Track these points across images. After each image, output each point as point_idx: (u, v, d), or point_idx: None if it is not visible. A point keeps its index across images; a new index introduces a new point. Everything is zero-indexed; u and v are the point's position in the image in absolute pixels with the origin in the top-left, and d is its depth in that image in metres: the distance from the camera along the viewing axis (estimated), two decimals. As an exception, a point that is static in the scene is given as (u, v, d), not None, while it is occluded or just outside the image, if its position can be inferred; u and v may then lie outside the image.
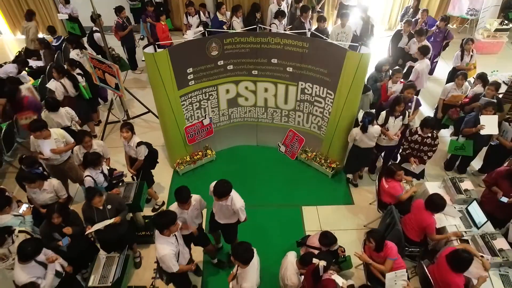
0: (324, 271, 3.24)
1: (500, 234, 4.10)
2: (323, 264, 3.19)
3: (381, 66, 5.89)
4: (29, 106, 5.56)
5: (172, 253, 3.32)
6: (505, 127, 5.06)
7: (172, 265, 3.34)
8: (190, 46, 4.82)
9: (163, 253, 3.27)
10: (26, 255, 3.17)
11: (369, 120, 4.75)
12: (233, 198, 3.67)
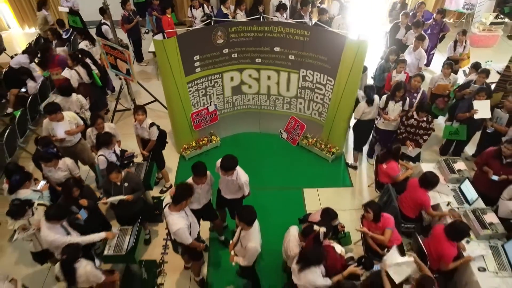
0: (324, 237, 3.48)
1: (491, 209, 4.35)
2: (324, 230, 3.44)
3: (389, 56, 6.15)
4: (59, 63, 6.34)
5: (185, 227, 3.54)
6: (498, 114, 5.29)
7: (186, 238, 3.56)
8: (197, 34, 5.07)
9: (177, 227, 3.48)
10: (55, 215, 3.44)
11: (372, 92, 5.08)
12: (238, 173, 3.93)
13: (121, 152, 4.75)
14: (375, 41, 8.48)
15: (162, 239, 4.99)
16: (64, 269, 3.31)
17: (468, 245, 4.07)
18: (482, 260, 3.90)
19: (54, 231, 3.56)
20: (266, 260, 4.63)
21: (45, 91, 6.69)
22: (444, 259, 3.75)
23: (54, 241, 3.54)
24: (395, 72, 5.89)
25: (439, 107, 6.01)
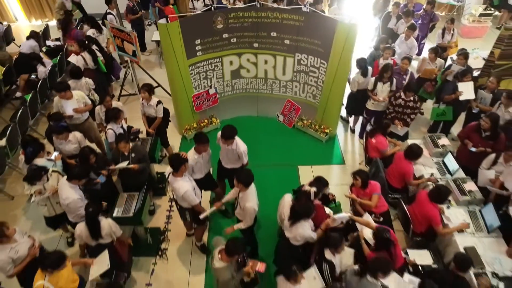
0: (314, 197, 3.83)
1: (470, 179, 4.70)
2: (314, 189, 3.78)
3: (379, 45, 6.51)
4: (74, 36, 7.03)
5: (191, 189, 3.88)
6: (482, 95, 5.62)
7: (193, 199, 3.90)
8: (198, 19, 5.42)
9: (185, 189, 3.81)
10: (77, 175, 3.80)
11: (364, 64, 5.58)
12: (237, 143, 4.28)
13: (128, 128, 5.10)
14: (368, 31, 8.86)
15: (166, 210, 5.33)
16: (90, 222, 3.63)
17: (448, 210, 4.42)
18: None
19: (74, 190, 3.90)
20: (263, 230, 4.96)
21: (54, 77, 7.03)
22: (432, 220, 4.07)
23: (72, 200, 3.85)
24: (382, 59, 6.22)
25: (427, 90, 6.34)
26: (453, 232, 4.12)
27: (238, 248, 3.18)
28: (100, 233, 3.69)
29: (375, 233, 3.54)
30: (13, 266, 3.45)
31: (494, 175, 4.47)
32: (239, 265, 3.29)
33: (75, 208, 3.93)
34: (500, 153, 4.48)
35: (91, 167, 4.35)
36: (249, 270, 3.32)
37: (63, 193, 3.90)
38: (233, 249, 3.16)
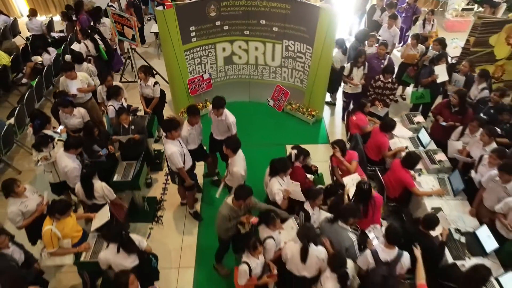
0: (295, 159, 4.25)
1: (441, 150, 5.12)
2: (295, 152, 4.21)
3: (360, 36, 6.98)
4: (81, 21, 7.69)
5: (177, 152, 4.30)
6: (456, 77, 6.06)
7: (178, 161, 4.32)
8: (193, 7, 5.88)
9: (171, 151, 4.25)
10: (72, 144, 4.20)
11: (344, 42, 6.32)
12: (226, 114, 4.72)
13: (127, 106, 5.53)
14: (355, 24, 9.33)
15: (162, 183, 5.75)
16: (84, 183, 4.05)
17: (419, 177, 4.83)
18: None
19: (72, 159, 4.31)
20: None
21: (58, 65, 7.47)
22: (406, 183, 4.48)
23: (70, 168, 4.26)
24: (367, 46, 6.68)
25: (410, 75, 6.78)
26: (428, 194, 4.53)
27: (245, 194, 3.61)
28: (93, 194, 4.09)
29: (357, 185, 3.94)
30: (22, 218, 3.86)
31: (462, 146, 4.89)
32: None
33: (73, 176, 4.30)
34: (466, 125, 4.90)
35: (95, 140, 4.76)
36: (244, 220, 3.75)
37: (61, 162, 4.29)
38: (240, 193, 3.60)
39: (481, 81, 5.53)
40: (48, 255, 3.67)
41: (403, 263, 3.35)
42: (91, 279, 4.21)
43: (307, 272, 3.45)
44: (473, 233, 4.11)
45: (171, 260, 4.71)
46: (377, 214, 4.04)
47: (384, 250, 3.40)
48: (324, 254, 3.36)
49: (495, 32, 6.47)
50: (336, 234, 3.64)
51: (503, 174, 3.90)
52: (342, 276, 3.16)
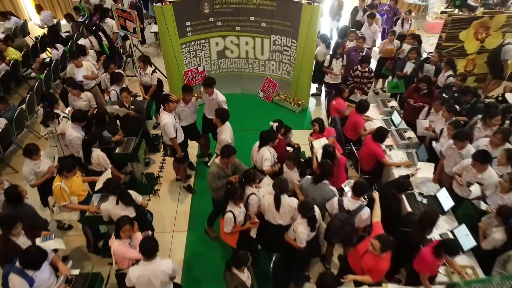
0: (277, 131, 4.79)
1: (410, 129, 5.67)
2: (276, 124, 4.76)
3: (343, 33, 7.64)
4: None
5: (171, 123, 4.85)
6: (427, 68, 6.65)
7: (170, 132, 4.87)
8: (188, 4, 6.51)
9: (165, 121, 4.81)
10: (78, 117, 4.78)
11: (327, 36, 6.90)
12: (217, 93, 5.29)
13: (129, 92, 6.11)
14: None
15: (159, 162, 6.30)
16: (83, 149, 4.60)
17: (390, 152, 5.37)
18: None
19: (76, 131, 4.87)
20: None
21: (64, 60, 8.08)
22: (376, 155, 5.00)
23: (73, 137, 4.82)
24: (348, 41, 7.31)
25: (388, 68, 7.38)
26: (398, 165, 5.05)
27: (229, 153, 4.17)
28: (90, 160, 4.63)
29: (323, 148, 4.49)
30: (35, 178, 4.40)
31: (428, 124, 5.45)
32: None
33: (76, 144, 4.85)
34: (431, 106, 5.47)
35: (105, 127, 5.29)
36: (233, 180, 4.29)
37: (67, 131, 4.88)
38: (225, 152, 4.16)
39: (447, 69, 6.13)
40: (59, 209, 4.19)
41: (362, 215, 3.87)
42: (94, 239, 4.72)
43: (282, 220, 3.97)
44: (434, 196, 4.63)
45: (165, 225, 5.22)
46: (341, 173, 4.58)
47: (349, 200, 3.93)
48: (295, 203, 3.88)
49: (464, 28, 7.09)
50: (320, 190, 4.16)
51: (456, 142, 4.46)
52: (311, 219, 3.67)
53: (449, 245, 3.29)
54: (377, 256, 3.36)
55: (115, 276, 3.82)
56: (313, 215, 3.66)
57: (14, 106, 6.26)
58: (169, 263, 3.29)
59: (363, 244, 3.62)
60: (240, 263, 3.28)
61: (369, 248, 3.37)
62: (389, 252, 3.37)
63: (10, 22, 8.90)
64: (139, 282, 3.19)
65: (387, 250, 3.29)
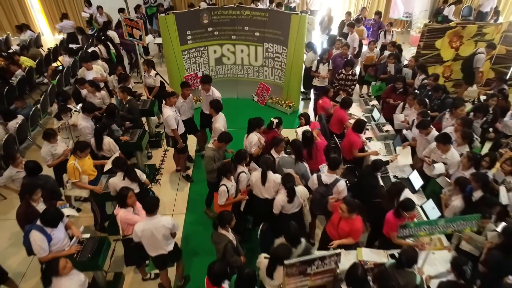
0: (276, 127, 5.38)
1: (388, 123, 6.27)
2: (276, 120, 5.36)
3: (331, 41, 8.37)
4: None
5: (172, 115, 5.45)
6: (405, 71, 7.32)
7: (172, 123, 5.47)
8: (189, 14, 7.27)
9: (167, 114, 5.42)
10: (88, 109, 5.38)
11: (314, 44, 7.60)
12: (213, 90, 5.92)
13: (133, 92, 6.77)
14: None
15: (160, 156, 6.87)
16: (96, 136, 5.18)
17: (370, 143, 5.95)
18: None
19: (86, 121, 5.47)
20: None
21: (75, 68, 8.79)
22: (353, 145, 5.58)
23: (83, 126, 5.41)
24: (335, 49, 8.02)
25: (371, 74, 8.06)
26: (366, 155, 5.61)
27: (226, 138, 4.74)
28: (101, 146, 5.20)
29: (302, 133, 5.06)
30: (52, 158, 4.98)
31: (403, 117, 6.05)
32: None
33: (85, 133, 5.41)
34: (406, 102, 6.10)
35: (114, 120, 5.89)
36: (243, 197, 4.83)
37: (78, 121, 5.48)
38: (224, 137, 4.73)
39: (421, 73, 6.81)
40: (71, 185, 4.74)
41: (338, 186, 4.40)
42: (101, 218, 5.25)
43: (267, 194, 4.50)
44: (407, 178, 5.18)
45: (165, 208, 5.74)
46: (320, 156, 5.11)
47: (326, 175, 4.47)
48: (279, 179, 4.41)
49: (439, 37, 7.81)
50: (293, 164, 4.72)
51: (421, 130, 5.07)
52: (290, 190, 4.18)
53: (404, 203, 3.81)
54: (349, 219, 3.89)
55: (122, 242, 4.31)
56: (291, 186, 4.17)
57: (30, 105, 6.90)
58: (169, 218, 3.82)
59: (335, 215, 4.12)
60: (225, 221, 3.77)
61: (340, 213, 3.90)
62: (358, 214, 3.89)
63: (25, 35, 9.70)
64: (143, 235, 3.71)
65: (354, 211, 3.81)
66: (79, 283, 3.47)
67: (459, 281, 3.27)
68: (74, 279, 3.44)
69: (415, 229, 3.28)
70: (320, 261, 3.34)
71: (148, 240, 3.77)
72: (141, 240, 3.77)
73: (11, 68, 7.83)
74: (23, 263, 4.89)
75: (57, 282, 3.32)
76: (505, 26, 8.00)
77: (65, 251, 3.92)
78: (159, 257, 3.97)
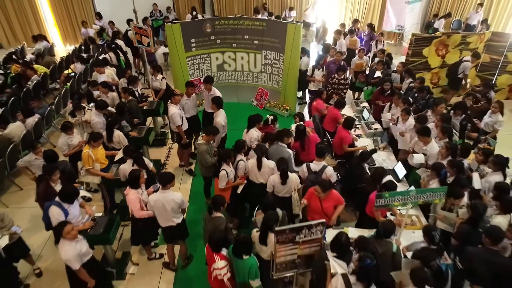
0: (271, 123, 5.88)
1: (377, 122, 6.77)
2: (271, 117, 5.87)
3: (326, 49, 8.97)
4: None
5: (177, 113, 5.97)
6: (394, 76, 7.87)
7: (177, 120, 5.98)
8: (193, 24, 7.90)
9: (172, 112, 5.94)
10: (100, 106, 5.91)
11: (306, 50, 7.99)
12: (215, 90, 6.46)
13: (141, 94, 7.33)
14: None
15: (165, 153, 7.36)
16: (107, 129, 5.69)
17: (360, 139, 6.43)
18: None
19: (98, 116, 6.00)
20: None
21: (86, 75, 9.40)
22: (343, 140, 6.05)
23: (95, 121, 5.93)
24: (329, 56, 8.60)
25: (361, 80, 8.60)
26: (356, 150, 6.07)
27: (213, 131, 5.22)
28: (112, 138, 5.70)
29: (295, 127, 5.55)
30: (68, 149, 5.48)
31: (390, 116, 6.54)
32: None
33: (97, 128, 5.92)
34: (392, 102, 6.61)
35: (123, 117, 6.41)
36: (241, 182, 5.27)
37: (91, 116, 6.00)
38: (211, 130, 5.21)
39: (408, 77, 7.35)
40: (85, 172, 5.22)
41: (326, 172, 4.87)
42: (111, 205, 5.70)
43: (262, 179, 4.96)
44: (392, 169, 5.63)
45: (170, 198, 6.18)
46: (312, 148, 5.55)
47: (315, 163, 4.94)
48: (273, 164, 4.88)
49: (426, 45, 8.37)
50: (277, 150, 5.20)
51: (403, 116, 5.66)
52: (282, 172, 4.64)
53: (387, 184, 4.26)
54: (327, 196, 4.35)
55: (130, 220, 4.75)
56: (284, 168, 4.64)
57: (45, 105, 7.46)
58: (179, 194, 4.30)
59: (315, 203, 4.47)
60: (219, 204, 4.19)
61: (316, 194, 4.35)
62: (331, 189, 4.35)
63: (40, 44, 10.37)
64: (155, 205, 4.21)
65: (328, 189, 4.28)
66: (77, 251, 3.73)
67: (430, 246, 3.69)
68: (75, 246, 3.74)
69: (390, 198, 3.72)
70: (307, 230, 3.77)
71: (159, 210, 4.25)
72: (153, 209, 4.24)
73: (27, 73, 8.42)
74: (39, 246, 5.34)
75: (62, 243, 3.72)
76: (487, 36, 8.58)
77: (80, 226, 4.36)
78: (168, 228, 4.43)
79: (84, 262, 3.86)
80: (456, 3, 12.18)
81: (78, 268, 3.73)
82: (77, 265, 3.72)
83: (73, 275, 3.97)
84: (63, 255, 3.68)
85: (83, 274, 3.81)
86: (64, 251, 3.67)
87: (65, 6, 12.28)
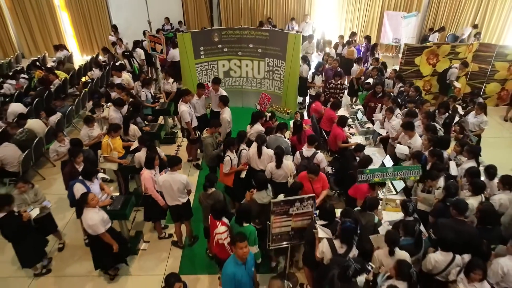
0: (270, 119, 6.50)
1: (369, 122, 7.35)
2: (269, 114, 6.49)
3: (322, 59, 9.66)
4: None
5: (187, 111, 6.62)
6: (387, 81, 8.50)
7: (186, 117, 6.63)
8: (202, 33, 8.64)
9: (182, 109, 6.60)
10: (118, 103, 6.59)
11: (307, 59, 8.68)
12: (221, 90, 7.12)
13: (154, 96, 8.03)
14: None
15: (174, 149, 7.99)
16: (124, 122, 6.35)
17: (353, 137, 7.01)
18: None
19: (116, 113, 6.67)
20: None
21: (102, 80, 10.16)
22: (337, 137, 6.63)
23: (113, 117, 6.59)
24: (328, 64, 9.27)
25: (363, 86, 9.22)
26: (349, 146, 6.63)
27: (215, 124, 5.85)
28: (128, 132, 6.34)
29: (293, 122, 6.16)
30: (88, 139, 6.14)
31: (382, 116, 7.12)
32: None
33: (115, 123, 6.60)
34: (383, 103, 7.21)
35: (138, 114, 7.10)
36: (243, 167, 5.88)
37: (110, 112, 6.68)
38: (213, 123, 5.84)
39: (398, 82, 7.98)
40: (103, 159, 5.86)
41: (317, 157, 5.45)
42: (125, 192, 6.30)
43: (262, 166, 5.54)
44: (382, 162, 6.18)
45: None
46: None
47: (306, 150, 5.53)
48: (272, 152, 5.47)
49: (418, 55, 9.01)
50: (276, 140, 5.79)
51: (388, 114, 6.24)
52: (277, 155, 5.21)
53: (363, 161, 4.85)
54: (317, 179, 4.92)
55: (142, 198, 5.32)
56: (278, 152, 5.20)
57: (67, 105, 8.18)
58: (184, 176, 4.89)
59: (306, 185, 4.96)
60: (213, 181, 4.76)
61: (309, 178, 4.91)
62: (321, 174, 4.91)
63: (61, 53, 11.22)
64: (163, 185, 4.78)
65: (317, 173, 4.84)
66: (101, 217, 4.33)
67: (406, 218, 4.22)
68: (99, 213, 4.35)
69: (370, 175, 4.27)
70: (299, 203, 4.33)
71: (167, 189, 4.82)
72: (161, 189, 4.82)
73: (50, 77, 9.19)
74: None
75: (86, 212, 4.28)
76: (475, 46, 9.21)
77: (100, 203, 4.95)
78: (175, 207, 5.00)
79: (107, 228, 4.43)
80: (450, 18, 12.89)
81: (103, 231, 4.29)
82: (102, 229, 4.29)
83: (95, 246, 4.55)
84: (89, 221, 4.24)
85: (108, 237, 4.37)
86: (89, 217, 4.25)
87: (84, 19, 13.21)
